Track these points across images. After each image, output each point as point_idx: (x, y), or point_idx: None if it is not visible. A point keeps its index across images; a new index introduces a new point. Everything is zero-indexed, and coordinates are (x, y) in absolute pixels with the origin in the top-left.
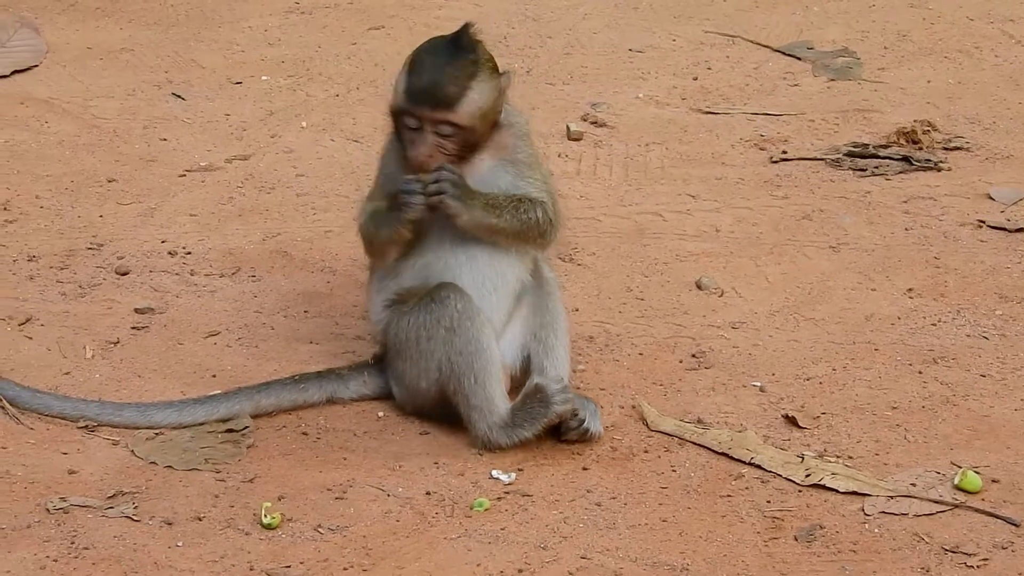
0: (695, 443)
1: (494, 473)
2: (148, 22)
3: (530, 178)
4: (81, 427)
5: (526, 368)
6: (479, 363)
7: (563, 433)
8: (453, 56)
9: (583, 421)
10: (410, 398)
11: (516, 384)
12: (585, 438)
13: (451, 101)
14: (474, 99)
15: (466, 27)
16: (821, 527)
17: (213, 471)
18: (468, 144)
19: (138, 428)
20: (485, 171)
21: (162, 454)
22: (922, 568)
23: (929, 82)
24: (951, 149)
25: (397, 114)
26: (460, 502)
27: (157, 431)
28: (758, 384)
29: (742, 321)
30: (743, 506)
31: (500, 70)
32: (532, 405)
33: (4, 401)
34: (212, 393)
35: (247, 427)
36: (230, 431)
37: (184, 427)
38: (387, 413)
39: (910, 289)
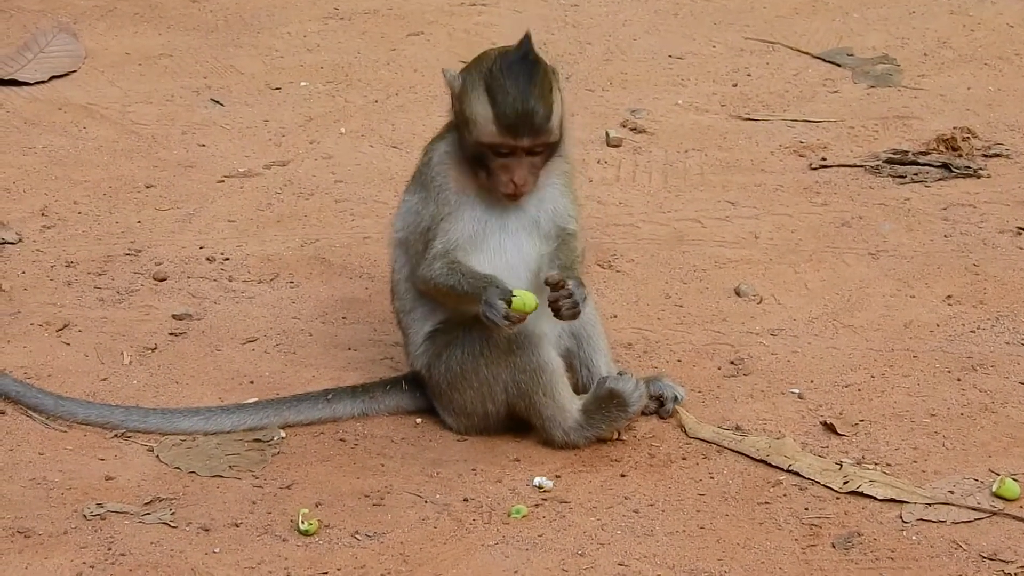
0: (733, 450)
1: (532, 480)
2: (187, 28)
3: (574, 202)
4: (118, 434)
5: (565, 358)
6: (545, 377)
7: (662, 415)
8: (532, 74)
9: (671, 398)
10: (473, 424)
11: None
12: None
13: (545, 123)
14: (558, 111)
15: (528, 39)
16: (859, 534)
17: (236, 477)
18: (549, 159)
19: (164, 434)
20: (546, 193)
21: (186, 460)
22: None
23: (969, 89)
24: (991, 156)
25: (489, 147)
26: (498, 509)
27: (183, 438)
28: (796, 391)
29: (781, 328)
30: (781, 513)
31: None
32: (608, 409)
33: (27, 407)
34: (242, 402)
35: (275, 437)
36: (257, 440)
37: (210, 434)
38: (424, 420)
39: (949, 296)
